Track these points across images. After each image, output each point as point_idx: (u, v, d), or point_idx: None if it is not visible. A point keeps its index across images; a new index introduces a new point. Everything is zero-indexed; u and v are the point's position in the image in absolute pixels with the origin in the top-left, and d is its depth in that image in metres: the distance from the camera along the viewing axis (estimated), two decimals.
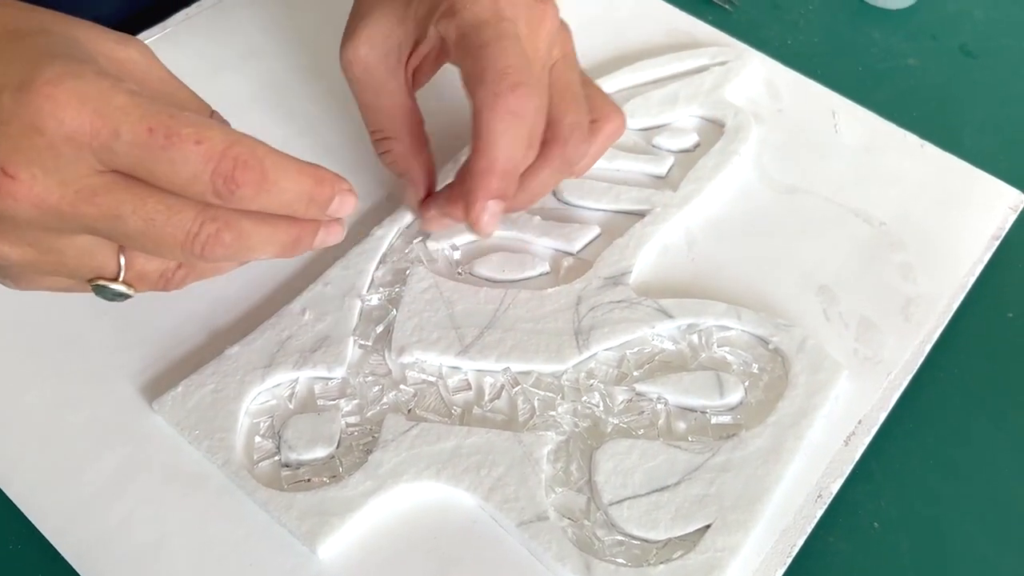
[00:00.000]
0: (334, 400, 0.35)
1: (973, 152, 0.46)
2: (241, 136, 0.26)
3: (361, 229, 0.40)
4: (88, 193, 0.26)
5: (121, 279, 0.29)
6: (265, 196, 0.27)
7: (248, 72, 0.46)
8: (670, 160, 0.43)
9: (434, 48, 0.37)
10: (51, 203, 0.26)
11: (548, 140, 0.36)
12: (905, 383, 0.38)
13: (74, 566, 0.32)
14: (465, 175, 0.35)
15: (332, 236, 0.31)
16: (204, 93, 0.31)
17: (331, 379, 0.36)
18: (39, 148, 0.25)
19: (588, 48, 0.48)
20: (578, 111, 0.37)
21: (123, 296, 0.29)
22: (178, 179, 0.26)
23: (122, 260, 0.28)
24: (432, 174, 0.39)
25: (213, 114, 0.30)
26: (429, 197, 0.39)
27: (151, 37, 0.47)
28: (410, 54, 0.37)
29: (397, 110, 0.38)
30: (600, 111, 0.39)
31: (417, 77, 0.38)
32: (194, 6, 0.49)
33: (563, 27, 0.38)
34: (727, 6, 0.54)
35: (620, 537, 0.32)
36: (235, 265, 0.32)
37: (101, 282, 0.29)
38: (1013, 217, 0.43)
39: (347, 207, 0.29)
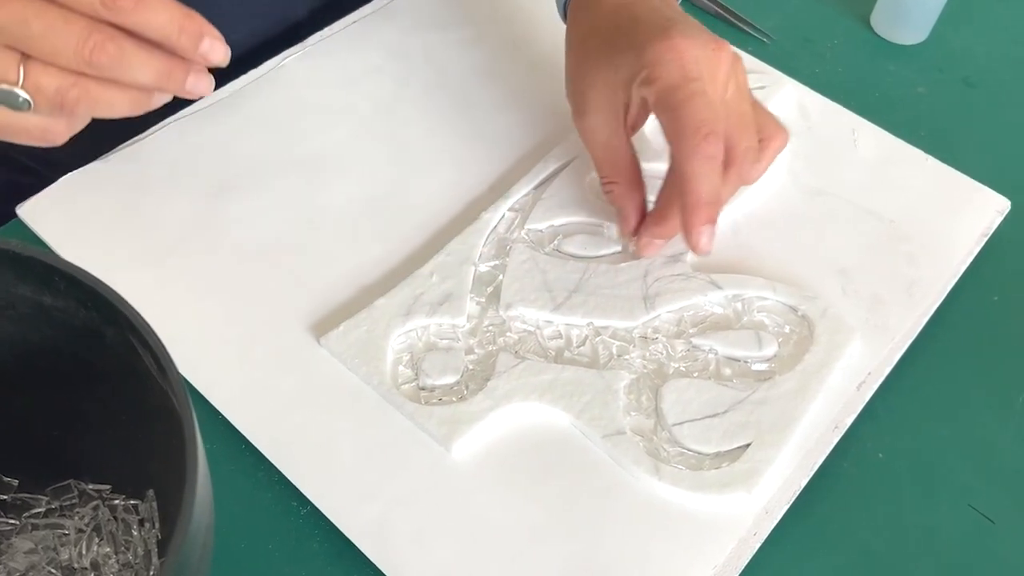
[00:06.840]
0: (458, 342, 0.45)
1: (969, 166, 0.54)
2: None
3: (473, 213, 0.50)
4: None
5: (20, 85, 0.33)
6: (141, 13, 0.32)
7: (370, 84, 0.56)
8: None
9: (640, 107, 0.45)
10: None
11: (726, 163, 0.43)
12: (907, 345, 0.47)
13: (267, 455, 0.41)
14: (665, 206, 0.45)
15: (202, 84, 0.34)
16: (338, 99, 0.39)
17: (455, 325, 0.45)
18: None
19: None
20: (750, 137, 0.44)
21: (26, 104, 0.34)
22: None
23: (21, 70, 0.33)
24: (643, 210, 0.47)
25: None
26: (640, 227, 0.47)
27: (292, 55, 0.57)
28: (625, 114, 0.46)
29: (621, 161, 0.47)
30: (767, 130, 0.46)
31: (630, 129, 0.47)
32: (327, 28, 0.59)
33: (735, 60, 0.44)
34: (765, 39, 0.64)
35: (681, 450, 0.42)
36: (127, 102, 0.35)
37: (4, 86, 0.33)
38: (999, 219, 0.52)
39: (217, 54, 0.34)
